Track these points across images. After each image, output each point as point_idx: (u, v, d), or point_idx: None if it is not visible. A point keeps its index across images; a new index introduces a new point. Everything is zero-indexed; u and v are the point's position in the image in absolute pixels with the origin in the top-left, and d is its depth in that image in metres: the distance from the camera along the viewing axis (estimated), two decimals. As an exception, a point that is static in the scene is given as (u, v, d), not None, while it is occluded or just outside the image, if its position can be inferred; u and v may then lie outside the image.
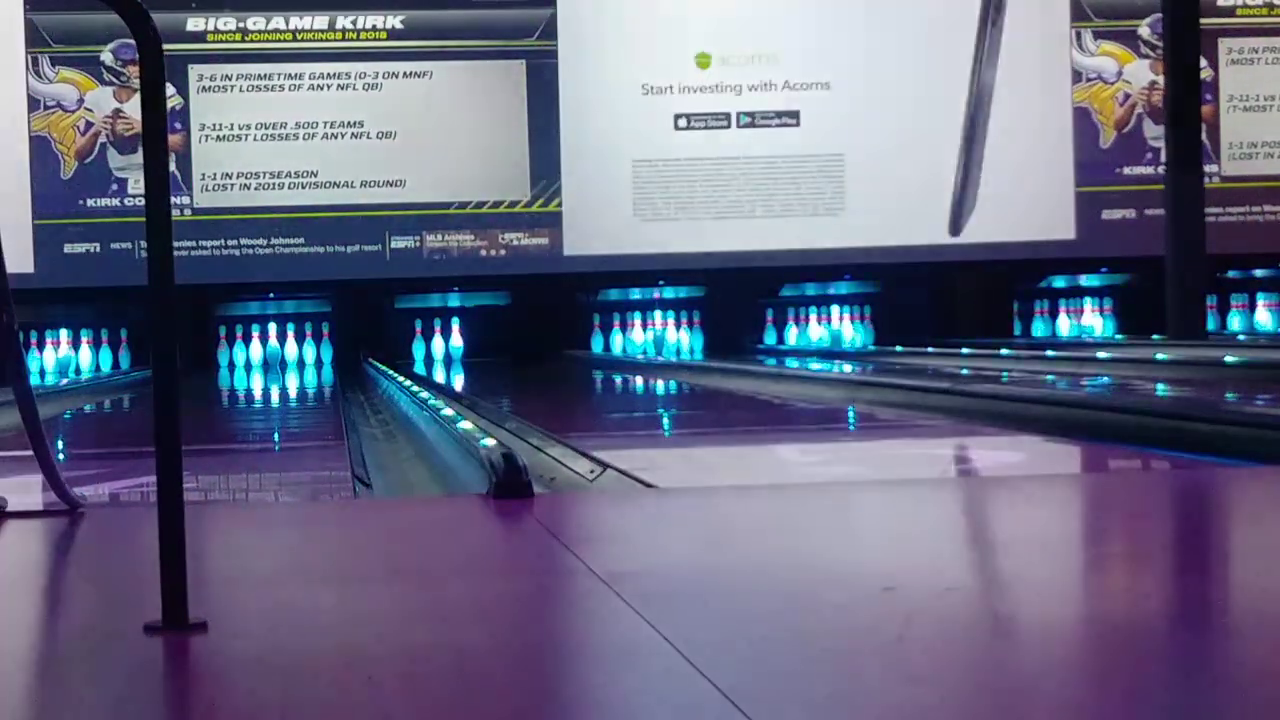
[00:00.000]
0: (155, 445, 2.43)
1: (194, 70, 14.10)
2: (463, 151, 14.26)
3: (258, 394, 12.47)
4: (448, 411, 6.58)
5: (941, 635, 2.27)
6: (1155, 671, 2.10)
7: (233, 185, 14.08)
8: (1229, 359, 9.50)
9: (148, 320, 2.53)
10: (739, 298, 15.32)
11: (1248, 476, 4.35)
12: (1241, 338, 13.88)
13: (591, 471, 4.92)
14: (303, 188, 14.13)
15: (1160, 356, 10.16)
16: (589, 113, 14.34)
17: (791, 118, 14.59)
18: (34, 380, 7.00)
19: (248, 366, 14.78)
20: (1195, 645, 2.23)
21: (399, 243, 14.22)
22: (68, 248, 13.86)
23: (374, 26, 14.30)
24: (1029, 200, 14.45)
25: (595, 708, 1.95)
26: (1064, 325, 15.61)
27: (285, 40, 14.23)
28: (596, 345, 15.26)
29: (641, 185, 14.29)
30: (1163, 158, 13.03)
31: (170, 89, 13.21)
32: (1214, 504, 3.77)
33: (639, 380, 12.36)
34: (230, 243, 14.04)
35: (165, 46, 2.50)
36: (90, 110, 13.92)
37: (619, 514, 3.85)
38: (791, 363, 13.22)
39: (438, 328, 15.14)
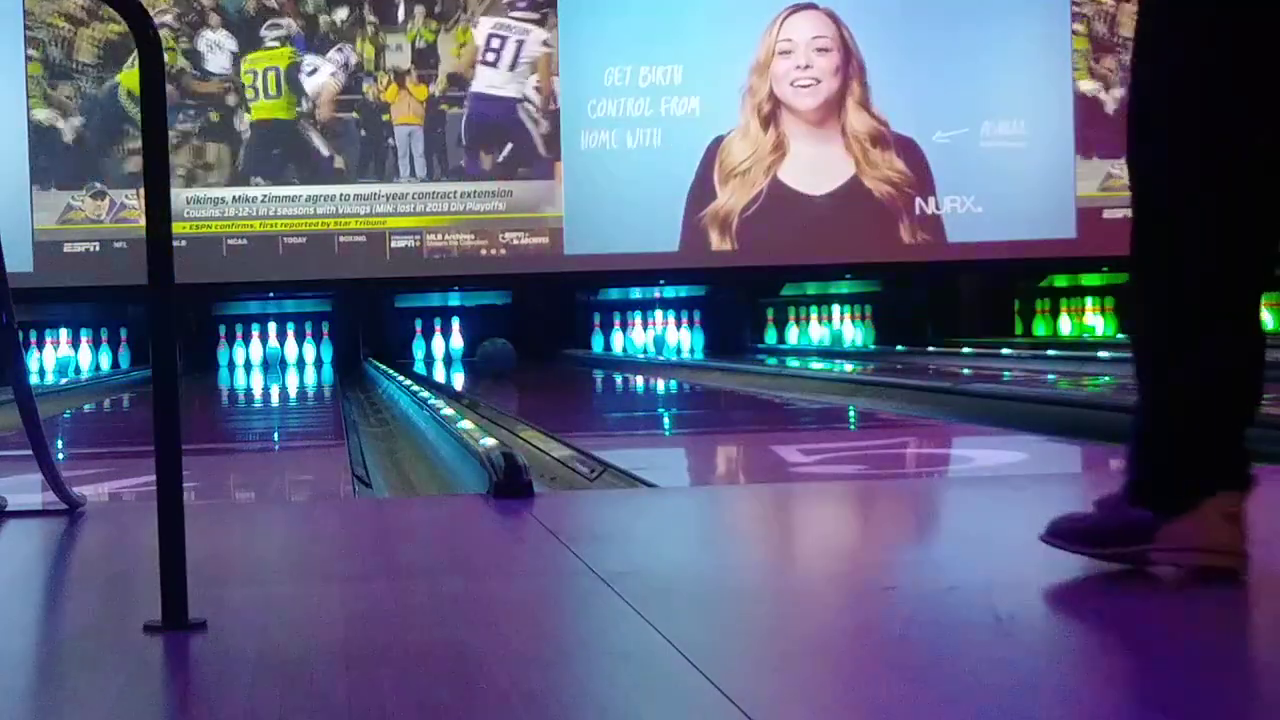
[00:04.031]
0: (155, 444, 2.43)
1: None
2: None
3: (258, 393, 12.47)
4: (448, 411, 6.58)
5: (942, 635, 2.27)
6: (1156, 670, 2.10)
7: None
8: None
9: (147, 319, 2.52)
10: (739, 297, 15.32)
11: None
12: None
13: (591, 471, 4.92)
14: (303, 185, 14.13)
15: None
16: (590, 110, 14.33)
17: (793, 117, 14.58)
18: (33, 380, 7.00)
19: (247, 366, 14.78)
20: (1195, 644, 2.23)
21: (399, 242, 14.21)
22: (67, 247, 13.86)
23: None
24: (1030, 200, 14.44)
25: (595, 708, 1.95)
26: (1065, 325, 15.61)
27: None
28: (596, 345, 15.26)
29: (642, 184, 14.27)
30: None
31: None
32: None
33: (639, 380, 12.36)
34: (231, 241, 14.04)
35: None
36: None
37: (619, 514, 3.85)
38: (792, 362, 13.22)
39: (438, 327, 15.14)
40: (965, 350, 12.76)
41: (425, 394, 8.20)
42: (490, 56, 14.32)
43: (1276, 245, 2.54)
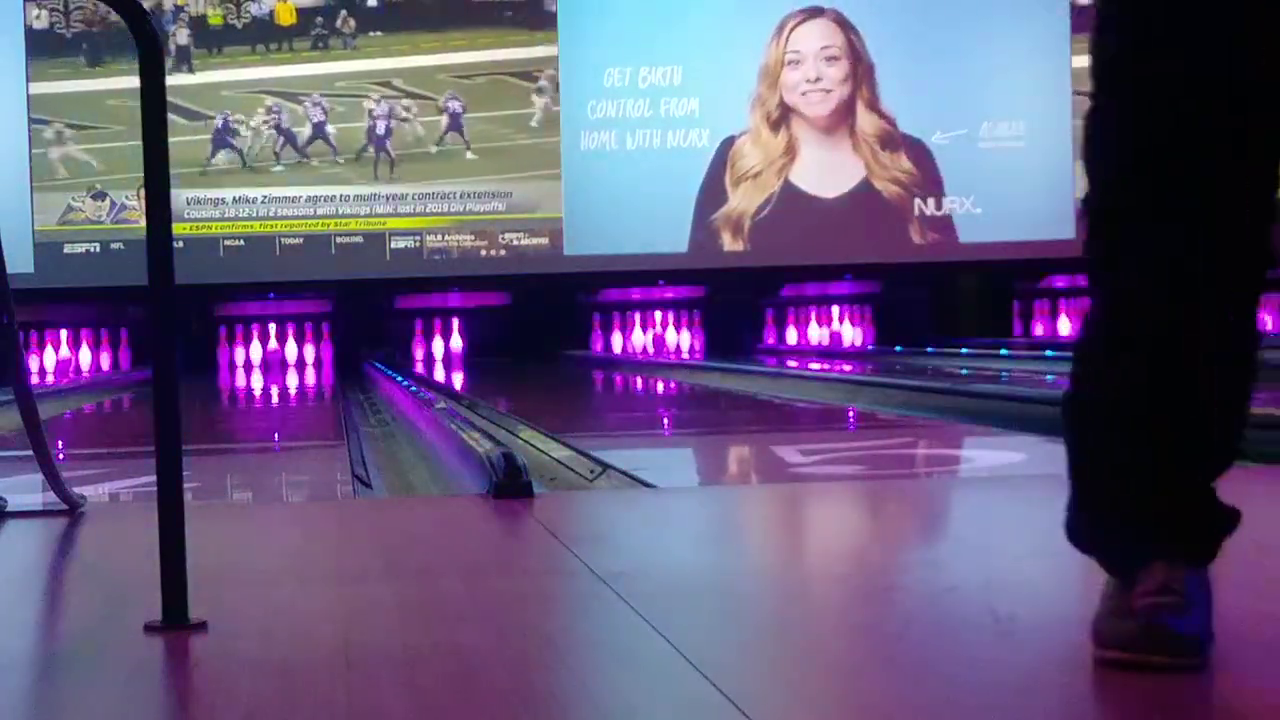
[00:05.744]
0: (155, 444, 2.44)
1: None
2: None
3: (258, 394, 12.48)
4: (448, 411, 6.59)
5: (941, 635, 2.27)
6: (1155, 672, 2.10)
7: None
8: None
9: (148, 320, 2.53)
10: (739, 298, 15.31)
11: (1245, 477, 4.34)
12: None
13: (591, 471, 4.92)
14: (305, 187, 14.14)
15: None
16: (589, 111, 14.33)
17: (792, 117, 14.57)
18: (34, 380, 7.00)
19: (248, 366, 14.79)
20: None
21: (399, 243, 14.22)
22: (68, 248, 13.86)
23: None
24: (1029, 200, 14.44)
25: (595, 708, 1.96)
26: (1065, 325, 15.61)
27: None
28: (596, 346, 15.26)
29: (641, 184, 14.27)
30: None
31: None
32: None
33: (639, 380, 12.36)
34: (231, 242, 14.05)
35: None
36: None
37: (619, 514, 3.85)
38: (791, 363, 13.23)
39: (438, 328, 15.14)
40: (964, 351, 12.76)
41: (425, 394, 8.21)
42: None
43: None
